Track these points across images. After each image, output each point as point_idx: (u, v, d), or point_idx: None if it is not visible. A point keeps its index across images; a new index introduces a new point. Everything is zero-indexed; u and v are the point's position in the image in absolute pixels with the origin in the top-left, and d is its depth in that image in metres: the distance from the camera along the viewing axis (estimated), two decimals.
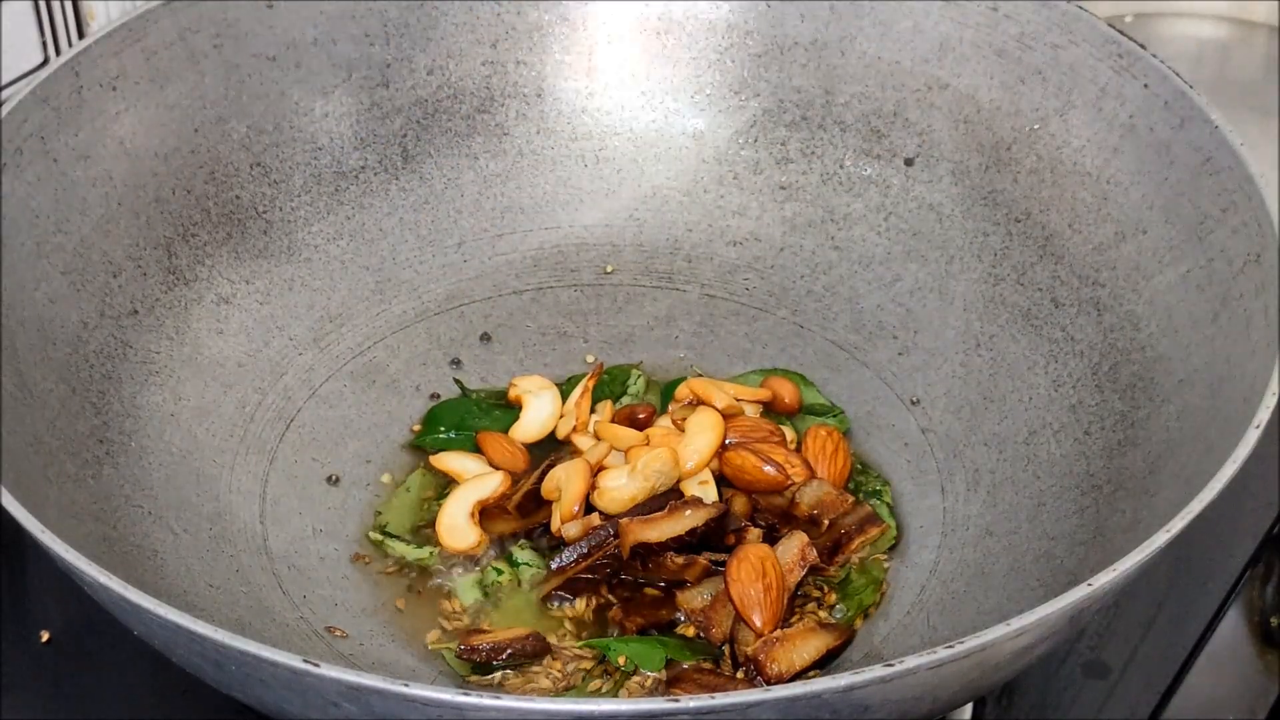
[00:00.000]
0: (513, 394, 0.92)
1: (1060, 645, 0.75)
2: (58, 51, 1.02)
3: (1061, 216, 0.91)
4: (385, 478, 0.90)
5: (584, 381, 0.91)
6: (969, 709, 0.82)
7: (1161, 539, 0.67)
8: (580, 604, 0.82)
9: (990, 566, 0.83)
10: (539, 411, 0.91)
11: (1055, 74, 0.92)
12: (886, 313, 0.95)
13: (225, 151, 0.94)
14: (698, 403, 0.89)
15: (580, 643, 0.81)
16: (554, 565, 0.83)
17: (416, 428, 0.92)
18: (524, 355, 0.96)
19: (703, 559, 0.82)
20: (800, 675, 0.77)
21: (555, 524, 0.84)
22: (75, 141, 0.87)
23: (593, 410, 0.90)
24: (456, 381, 0.95)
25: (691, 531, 0.81)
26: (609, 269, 0.99)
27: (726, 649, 0.79)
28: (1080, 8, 0.92)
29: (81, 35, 1.03)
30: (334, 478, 0.89)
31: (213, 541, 0.84)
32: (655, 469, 0.84)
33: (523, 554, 0.84)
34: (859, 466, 0.89)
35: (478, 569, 0.84)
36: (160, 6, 0.91)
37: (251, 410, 0.91)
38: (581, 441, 0.88)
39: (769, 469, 0.85)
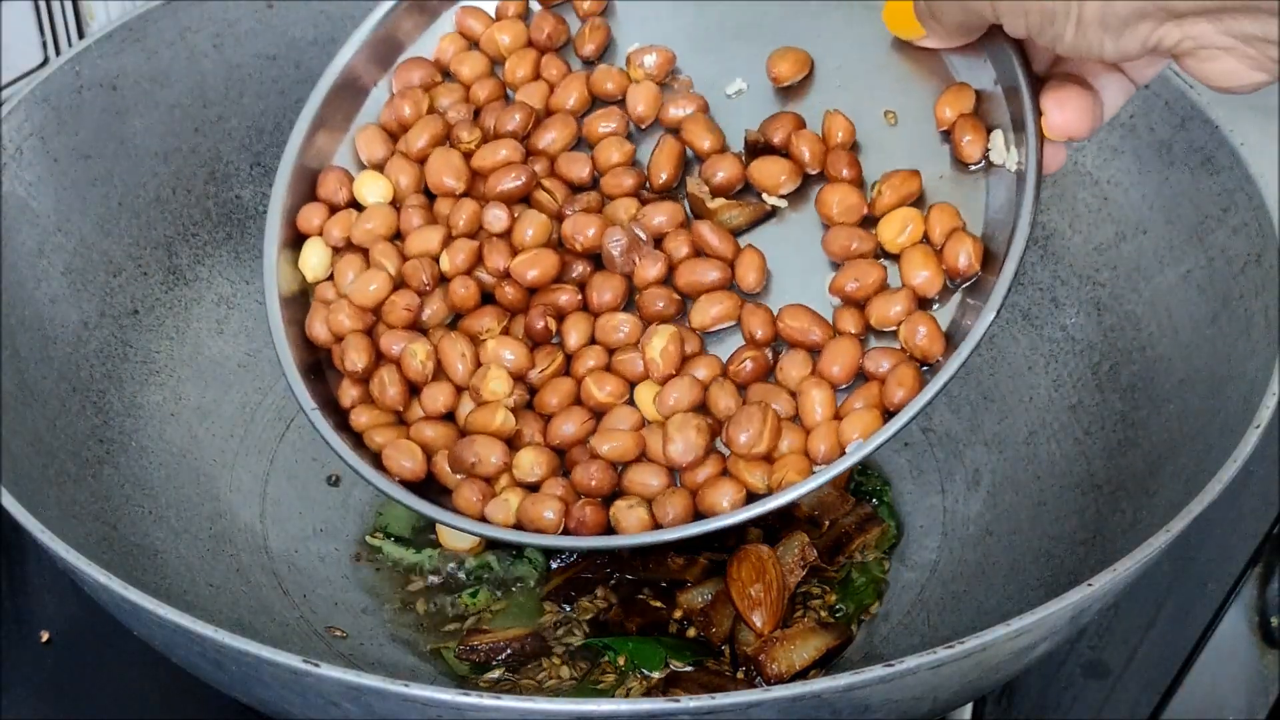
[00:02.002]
0: None
1: (1060, 645, 0.74)
2: (58, 51, 1.02)
3: (1061, 216, 0.91)
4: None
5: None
6: (969, 709, 0.82)
7: (1161, 539, 0.67)
8: (580, 604, 0.82)
9: (990, 566, 0.83)
10: None
11: None
12: None
13: (225, 151, 0.94)
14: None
15: (580, 642, 0.81)
16: (554, 565, 0.83)
17: None
18: None
19: (703, 559, 0.81)
20: (800, 675, 0.77)
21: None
22: (75, 141, 0.87)
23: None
24: None
25: None
26: None
27: (726, 649, 0.79)
28: None
29: (81, 35, 1.03)
30: (334, 478, 0.89)
31: (213, 541, 0.84)
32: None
33: (531, 552, 0.84)
34: (859, 466, 0.89)
35: (478, 569, 0.84)
36: (160, 6, 0.91)
37: (251, 410, 0.91)
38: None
39: None
